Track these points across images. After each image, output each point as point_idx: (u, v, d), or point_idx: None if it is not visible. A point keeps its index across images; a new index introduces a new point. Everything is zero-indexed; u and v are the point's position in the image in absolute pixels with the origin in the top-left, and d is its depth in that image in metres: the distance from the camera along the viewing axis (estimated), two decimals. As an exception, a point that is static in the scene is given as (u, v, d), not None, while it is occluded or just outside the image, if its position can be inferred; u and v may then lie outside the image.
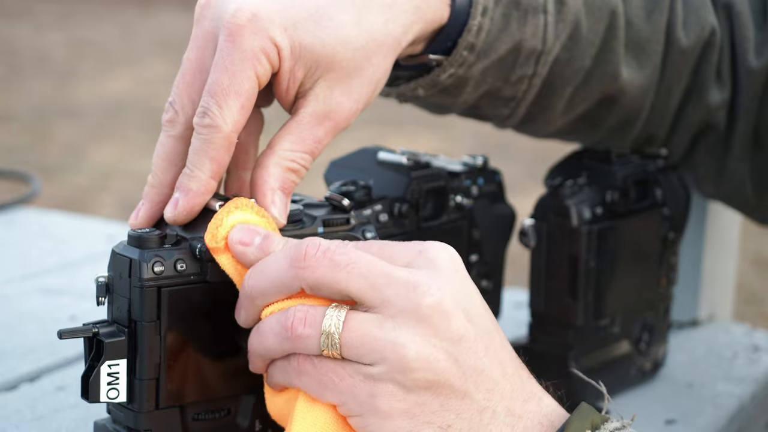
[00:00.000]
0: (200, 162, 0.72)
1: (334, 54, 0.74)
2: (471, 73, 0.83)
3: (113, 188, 4.12)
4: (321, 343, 0.66)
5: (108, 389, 0.70)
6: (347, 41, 0.74)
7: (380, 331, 0.65)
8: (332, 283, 0.66)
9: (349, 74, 0.75)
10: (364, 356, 0.66)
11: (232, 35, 0.71)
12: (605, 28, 0.88)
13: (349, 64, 0.74)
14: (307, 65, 0.73)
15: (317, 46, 0.73)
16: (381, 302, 0.66)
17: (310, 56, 0.73)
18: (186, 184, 0.72)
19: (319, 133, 0.74)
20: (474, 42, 0.81)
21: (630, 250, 0.92)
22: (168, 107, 0.74)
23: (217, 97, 0.71)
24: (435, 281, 0.66)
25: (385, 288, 0.66)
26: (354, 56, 0.74)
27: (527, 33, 0.84)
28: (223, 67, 0.71)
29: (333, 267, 0.66)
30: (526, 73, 0.86)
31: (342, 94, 0.75)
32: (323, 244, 0.67)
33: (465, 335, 0.66)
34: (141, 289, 0.69)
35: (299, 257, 0.67)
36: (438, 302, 0.66)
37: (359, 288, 0.66)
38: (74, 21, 7.07)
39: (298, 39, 0.73)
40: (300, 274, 0.67)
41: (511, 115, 0.89)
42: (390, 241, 0.70)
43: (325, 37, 0.73)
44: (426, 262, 0.67)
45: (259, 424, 0.75)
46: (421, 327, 0.65)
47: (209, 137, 0.71)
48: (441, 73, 0.82)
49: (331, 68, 0.74)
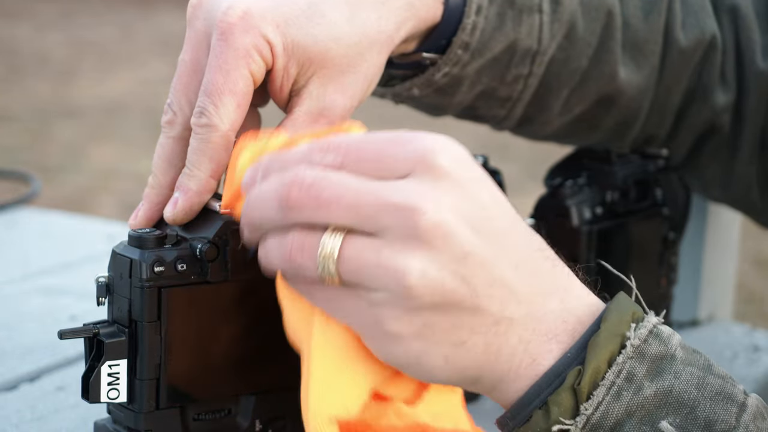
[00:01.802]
0: (199, 161, 0.72)
1: (327, 51, 0.74)
2: (466, 72, 0.83)
3: (113, 188, 4.12)
4: (319, 273, 0.63)
5: (108, 389, 0.70)
6: (340, 38, 0.74)
7: (378, 258, 0.62)
8: (322, 221, 0.63)
9: (342, 71, 0.75)
10: (364, 284, 0.62)
11: (224, 34, 0.71)
12: (602, 28, 0.88)
13: (342, 61, 0.74)
14: (300, 62, 0.73)
15: (310, 43, 0.73)
16: (376, 230, 0.62)
17: (303, 53, 0.73)
18: (185, 183, 0.72)
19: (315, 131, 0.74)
20: (468, 41, 0.81)
21: (630, 250, 0.92)
22: (166, 109, 0.74)
23: (213, 97, 0.71)
24: (434, 196, 0.61)
25: (378, 216, 0.62)
26: (347, 53, 0.74)
27: (522, 32, 0.84)
28: (217, 66, 0.71)
29: (319, 206, 0.62)
30: (521, 73, 0.85)
31: (336, 92, 0.75)
32: (306, 179, 0.63)
33: (471, 251, 0.62)
34: (141, 289, 0.69)
35: (285, 198, 0.63)
36: (437, 223, 0.61)
37: (351, 221, 0.62)
38: (74, 21, 7.06)
39: (290, 36, 0.73)
40: (288, 215, 0.63)
41: (508, 116, 0.89)
42: (389, 135, 0.64)
43: (317, 34, 0.73)
44: (426, 169, 0.62)
45: (259, 424, 0.75)
46: (421, 250, 0.61)
47: (207, 137, 0.71)
48: (436, 72, 0.82)
49: (324, 65, 0.74)
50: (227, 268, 0.71)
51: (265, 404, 0.75)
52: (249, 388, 0.75)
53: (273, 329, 0.75)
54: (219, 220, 0.71)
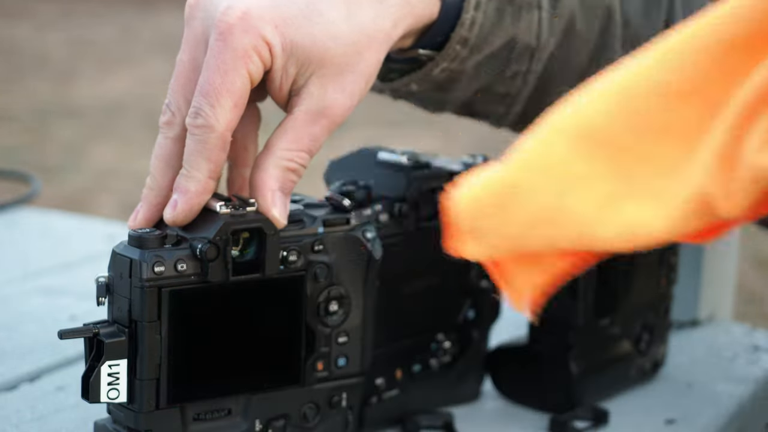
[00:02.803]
0: (196, 162, 0.72)
1: (326, 50, 0.74)
2: (464, 67, 0.83)
3: (113, 188, 4.12)
4: None
5: (108, 389, 0.70)
6: (338, 37, 0.74)
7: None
8: None
9: (341, 70, 0.75)
10: None
11: (222, 34, 0.71)
12: (601, 26, 0.88)
13: (341, 60, 0.74)
14: (299, 62, 0.74)
15: (308, 43, 0.73)
16: None
17: (302, 53, 0.73)
18: (184, 185, 0.72)
19: (315, 130, 0.74)
20: (467, 36, 0.81)
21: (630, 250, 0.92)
22: (164, 109, 0.74)
23: (209, 97, 0.71)
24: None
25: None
26: (345, 52, 0.75)
27: (521, 28, 0.84)
28: (214, 67, 0.71)
29: None
30: (520, 69, 0.85)
31: (335, 91, 0.75)
32: None
33: None
34: (141, 289, 0.70)
35: None
36: None
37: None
38: (74, 21, 7.06)
39: (289, 36, 0.73)
40: None
41: (507, 114, 0.89)
42: None
43: (316, 34, 0.74)
44: None
45: (259, 424, 0.75)
46: None
47: (203, 137, 0.71)
48: (434, 68, 0.82)
49: (323, 64, 0.74)
50: (227, 268, 0.72)
51: (265, 404, 0.75)
52: (249, 388, 0.75)
53: (273, 329, 0.76)
54: (219, 220, 0.71)
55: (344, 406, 0.79)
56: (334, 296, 0.77)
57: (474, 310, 0.89)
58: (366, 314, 0.78)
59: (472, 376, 0.90)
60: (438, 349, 0.87)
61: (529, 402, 0.91)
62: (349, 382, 0.79)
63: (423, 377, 0.86)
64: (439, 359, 0.87)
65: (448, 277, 0.87)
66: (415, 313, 0.85)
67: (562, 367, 0.89)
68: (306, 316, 0.76)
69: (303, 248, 0.75)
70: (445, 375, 0.88)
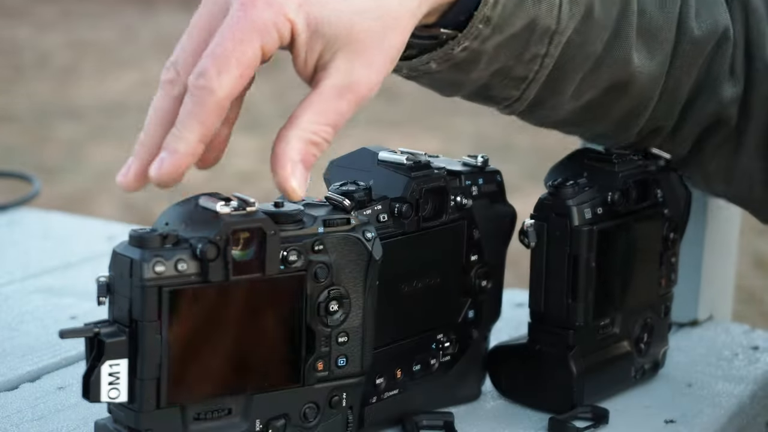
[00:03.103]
0: (190, 124, 0.71)
1: (352, 26, 0.74)
2: (485, 47, 0.83)
3: (114, 189, 4.11)
4: None
5: (109, 389, 0.70)
6: (364, 13, 0.74)
7: None
8: None
9: (367, 47, 0.74)
10: None
11: (245, 6, 0.71)
12: (618, 13, 0.88)
13: (367, 35, 0.74)
14: (325, 38, 0.73)
15: (334, 19, 0.73)
16: None
17: (328, 29, 0.73)
18: (173, 145, 0.71)
19: (342, 105, 0.74)
20: (490, 15, 0.81)
21: (630, 251, 0.92)
22: (168, 66, 0.73)
23: (218, 61, 0.70)
24: None
25: None
26: (371, 27, 0.74)
27: (542, 10, 0.84)
28: (230, 33, 0.71)
29: None
30: (539, 52, 0.85)
31: (362, 66, 0.74)
32: None
33: None
34: (142, 288, 0.70)
35: None
36: None
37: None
38: (74, 21, 7.06)
39: (314, 13, 0.73)
40: None
41: (520, 98, 0.88)
42: None
43: (343, 9, 0.73)
44: None
45: (259, 424, 0.75)
46: None
47: (202, 99, 0.70)
48: (455, 46, 0.82)
49: (349, 41, 0.74)
50: (227, 267, 0.72)
51: (266, 404, 0.75)
52: (249, 387, 0.75)
53: (273, 329, 0.76)
54: (219, 220, 0.72)
55: (344, 406, 0.79)
56: (334, 296, 0.77)
57: (474, 310, 0.89)
58: (366, 314, 0.78)
59: (472, 375, 0.90)
60: (438, 349, 0.87)
61: (529, 402, 0.91)
62: (349, 382, 0.79)
63: (423, 377, 0.86)
64: (439, 359, 0.87)
65: (448, 277, 0.87)
66: (415, 313, 0.85)
67: (562, 367, 0.89)
68: (306, 316, 0.76)
69: (303, 248, 0.75)
70: (445, 375, 0.88)
